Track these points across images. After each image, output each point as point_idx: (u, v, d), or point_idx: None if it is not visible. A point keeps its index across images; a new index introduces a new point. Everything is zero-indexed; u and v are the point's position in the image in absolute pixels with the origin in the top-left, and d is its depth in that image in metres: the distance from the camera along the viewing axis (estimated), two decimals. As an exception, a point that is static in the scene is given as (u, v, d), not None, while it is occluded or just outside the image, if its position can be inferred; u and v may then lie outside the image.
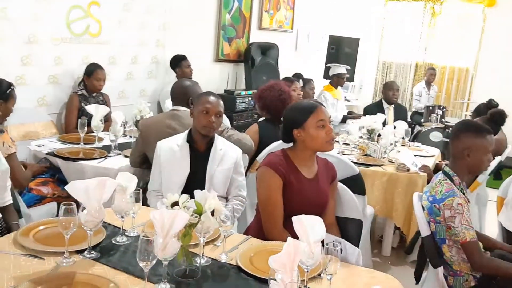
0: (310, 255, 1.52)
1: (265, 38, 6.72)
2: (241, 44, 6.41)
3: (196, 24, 5.59)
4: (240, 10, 6.30)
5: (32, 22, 3.83)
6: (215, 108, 2.49)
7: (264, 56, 6.42)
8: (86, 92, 4.09)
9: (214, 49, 6.03)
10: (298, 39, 7.76)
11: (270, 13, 6.97)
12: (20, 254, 1.71)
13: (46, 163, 3.15)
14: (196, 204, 1.64)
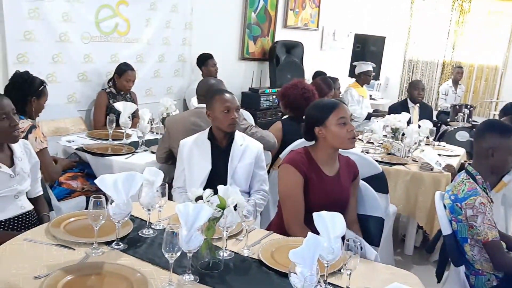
0: (330, 250, 1.55)
1: (290, 36, 6.74)
2: (266, 42, 6.45)
3: (222, 23, 5.65)
4: (266, 9, 6.33)
5: (63, 21, 3.96)
6: (234, 104, 2.55)
7: (289, 55, 6.44)
8: (115, 90, 4.19)
9: (239, 48, 6.08)
10: (323, 38, 7.75)
11: (296, 11, 6.98)
12: (52, 244, 1.78)
13: (75, 158, 3.26)
14: (220, 198, 1.69)
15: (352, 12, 8.06)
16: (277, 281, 1.66)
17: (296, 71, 6.36)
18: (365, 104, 5.98)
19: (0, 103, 2.10)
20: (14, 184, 2.16)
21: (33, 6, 3.70)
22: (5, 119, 2.09)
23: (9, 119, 2.10)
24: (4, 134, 2.11)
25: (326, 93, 4.14)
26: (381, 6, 8.43)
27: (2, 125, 2.08)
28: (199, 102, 3.09)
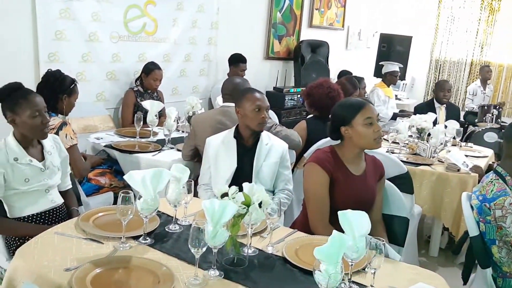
0: (355, 249, 1.55)
1: (315, 36, 6.73)
2: (291, 42, 6.46)
3: (247, 23, 5.68)
4: (291, 8, 6.34)
5: (92, 21, 4.05)
6: (265, 104, 2.57)
7: (314, 54, 6.43)
8: (142, 89, 4.26)
9: (264, 47, 6.10)
10: (348, 37, 7.71)
11: (321, 11, 6.97)
12: (81, 238, 1.84)
13: (104, 155, 3.33)
14: (245, 196, 1.71)
15: (378, 12, 7.99)
16: (301, 279, 1.68)
17: (321, 70, 6.34)
18: (391, 105, 5.93)
19: (34, 100, 2.17)
20: (44, 178, 2.23)
21: (64, 7, 3.80)
22: (38, 116, 2.16)
23: (41, 116, 2.17)
24: (36, 130, 2.17)
25: (351, 92, 4.12)
26: (408, 5, 8.33)
27: (35, 122, 2.15)
28: (224, 101, 3.12)
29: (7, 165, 2.11)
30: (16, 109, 2.13)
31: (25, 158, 2.17)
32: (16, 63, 3.60)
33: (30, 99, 2.16)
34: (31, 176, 2.18)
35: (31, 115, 2.13)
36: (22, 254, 1.70)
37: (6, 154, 2.13)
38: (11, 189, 2.14)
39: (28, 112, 2.13)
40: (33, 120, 2.14)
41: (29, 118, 2.13)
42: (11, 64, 3.56)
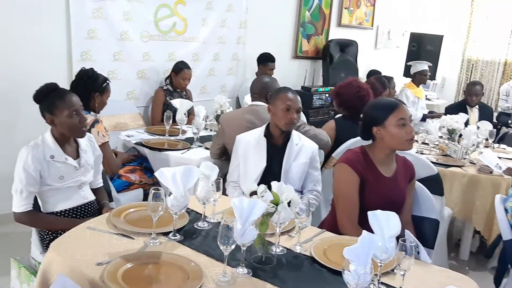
0: (384, 250, 1.54)
1: (344, 35, 6.68)
2: (319, 41, 6.43)
3: (276, 22, 5.68)
4: (320, 7, 6.31)
5: (124, 20, 4.12)
6: (295, 105, 2.55)
7: (342, 53, 6.39)
8: (171, 87, 4.32)
9: (293, 46, 6.10)
10: (377, 36, 7.62)
11: (350, 10, 6.91)
12: (113, 233, 1.87)
13: (134, 152, 3.39)
14: (274, 194, 1.72)
15: (408, 11, 7.87)
16: (330, 279, 1.67)
17: (349, 70, 6.30)
18: (420, 105, 5.83)
19: (71, 100, 2.21)
20: (78, 176, 2.28)
21: (96, 6, 3.88)
22: (76, 116, 2.20)
23: (79, 115, 2.22)
24: (74, 129, 2.22)
25: (381, 92, 4.08)
26: (439, 3, 8.18)
27: (73, 121, 2.20)
28: (253, 100, 3.13)
29: (44, 163, 2.17)
30: (54, 111, 2.18)
31: (61, 156, 2.22)
32: (50, 62, 3.70)
33: (66, 99, 2.20)
34: (66, 174, 2.23)
35: (69, 115, 2.18)
36: (56, 248, 1.74)
37: (43, 151, 2.18)
38: (46, 185, 2.20)
39: (66, 112, 2.18)
40: (71, 119, 2.19)
41: (67, 118, 2.18)
42: (45, 62, 3.66)
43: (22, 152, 2.17)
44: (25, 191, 2.14)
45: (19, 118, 3.61)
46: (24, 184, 2.13)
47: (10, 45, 3.48)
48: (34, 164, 2.13)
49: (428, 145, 3.91)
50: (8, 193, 2.88)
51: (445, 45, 7.59)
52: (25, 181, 2.13)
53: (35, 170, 2.14)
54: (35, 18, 3.56)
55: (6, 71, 3.49)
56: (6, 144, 3.55)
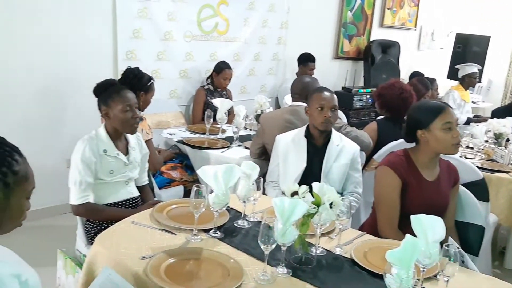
0: (427, 255, 1.51)
1: (386, 35, 6.59)
2: (361, 41, 6.36)
3: (317, 22, 5.66)
4: (362, 8, 6.24)
5: (168, 20, 4.20)
6: (329, 103, 2.53)
7: (384, 54, 6.30)
8: (212, 87, 4.37)
9: (334, 47, 6.05)
10: (421, 37, 7.47)
11: (393, 10, 6.80)
12: (156, 228, 1.91)
13: (175, 150, 3.45)
14: (315, 195, 1.71)
15: (453, 11, 7.66)
16: (370, 282, 1.65)
17: (391, 71, 6.20)
18: (466, 109, 5.67)
19: (126, 96, 2.29)
20: (126, 171, 2.36)
21: (142, 6, 3.97)
22: (129, 111, 2.28)
23: (132, 111, 2.29)
24: (126, 124, 2.29)
25: (423, 93, 4.00)
26: (486, 3, 7.92)
27: (126, 116, 2.27)
28: (293, 100, 3.13)
29: (97, 156, 2.25)
30: (109, 103, 2.27)
31: (113, 151, 2.30)
32: (96, 60, 3.82)
33: (122, 94, 2.28)
34: (116, 169, 2.31)
35: (122, 109, 2.26)
36: (102, 241, 1.79)
37: (97, 145, 2.27)
38: (96, 178, 2.28)
39: (120, 106, 2.26)
40: (124, 114, 2.26)
41: (120, 112, 2.26)
42: (92, 61, 3.78)
43: (78, 145, 2.25)
44: (83, 182, 2.22)
45: (66, 114, 3.74)
46: (83, 175, 2.21)
47: (59, 44, 3.60)
48: (90, 156, 2.22)
49: (472, 149, 3.80)
50: (55, 186, 3.01)
51: (492, 46, 7.35)
52: (83, 172, 2.21)
53: (91, 161, 2.23)
54: (83, 18, 3.67)
55: (54, 69, 3.62)
56: (54, 140, 3.69)
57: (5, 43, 3.35)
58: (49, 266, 2.24)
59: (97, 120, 3.08)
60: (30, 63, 3.49)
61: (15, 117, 3.43)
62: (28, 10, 3.40)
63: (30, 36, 3.44)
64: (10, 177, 1.21)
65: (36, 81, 3.54)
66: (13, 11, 3.33)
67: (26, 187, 1.27)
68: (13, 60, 3.41)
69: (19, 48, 3.42)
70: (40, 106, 3.60)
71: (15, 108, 3.46)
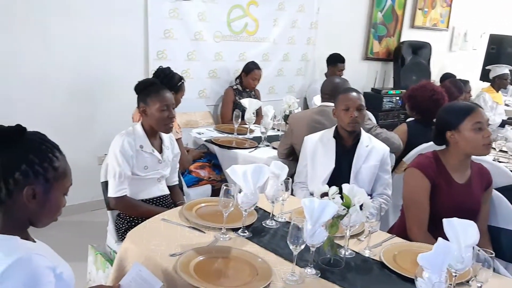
0: (460, 259, 1.48)
1: (417, 36, 6.49)
2: (391, 42, 6.28)
3: (347, 23, 5.62)
4: (393, 8, 6.16)
5: (198, 21, 4.24)
6: (354, 103, 2.50)
7: (415, 55, 6.21)
8: (241, 87, 4.39)
9: (363, 47, 6.00)
10: (453, 38, 7.33)
11: (425, 10, 6.69)
12: (185, 226, 1.93)
13: (204, 149, 3.48)
14: (345, 197, 1.70)
15: (487, 11, 7.49)
16: (400, 285, 1.63)
17: (422, 72, 6.10)
18: (499, 111, 5.54)
19: (165, 95, 2.34)
20: (159, 169, 2.41)
21: (173, 7, 4.02)
22: (166, 110, 2.32)
23: (168, 111, 2.33)
24: (161, 123, 2.34)
25: (456, 96, 3.91)
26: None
27: (162, 115, 2.32)
28: (323, 101, 3.11)
29: (134, 150, 2.30)
30: (148, 101, 2.32)
31: (149, 148, 2.35)
32: (128, 60, 3.88)
33: (161, 93, 2.33)
34: (150, 165, 2.36)
35: (159, 108, 2.30)
36: (132, 238, 1.82)
37: (134, 140, 2.32)
38: (132, 173, 2.32)
39: (158, 105, 2.30)
40: (161, 113, 2.31)
41: (157, 111, 2.30)
42: (123, 61, 3.84)
43: (117, 139, 2.31)
44: (122, 174, 2.27)
45: (97, 113, 3.82)
46: (122, 168, 2.26)
47: (92, 45, 3.68)
48: (128, 149, 2.27)
49: (506, 153, 3.71)
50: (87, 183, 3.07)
51: (527, 47, 7.15)
52: (122, 165, 2.26)
53: (129, 155, 2.28)
54: (116, 18, 3.74)
55: (86, 69, 3.69)
56: (86, 138, 3.77)
57: (40, 44, 3.44)
58: (80, 261, 2.28)
59: (127, 118, 3.15)
60: (64, 63, 3.57)
61: (50, 115, 3.51)
62: (62, 10, 3.48)
63: (64, 36, 3.53)
64: (50, 172, 1.25)
65: (69, 81, 3.63)
66: (47, 11, 3.42)
67: (64, 183, 1.30)
68: (48, 60, 3.49)
69: (54, 48, 3.51)
70: (73, 105, 3.68)
71: (50, 107, 3.55)
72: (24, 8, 3.30)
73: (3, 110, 3.27)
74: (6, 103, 3.32)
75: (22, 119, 1.32)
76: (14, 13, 3.28)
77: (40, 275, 1.15)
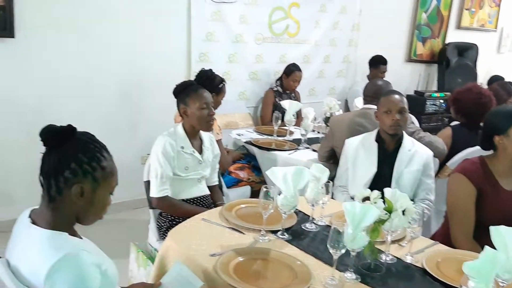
0: (508, 269, 1.43)
1: (463, 37, 6.31)
2: (436, 44, 6.13)
3: (390, 24, 5.53)
4: (438, 9, 6.01)
5: (239, 23, 4.27)
6: (396, 106, 2.45)
7: (460, 57, 6.04)
8: (281, 89, 4.39)
9: (407, 49, 5.89)
10: (501, 39, 7.08)
11: (472, 11, 6.50)
12: (225, 226, 1.95)
13: (243, 151, 3.50)
14: (387, 201, 1.67)
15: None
16: (443, 293, 1.59)
17: (468, 75, 5.93)
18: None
19: (203, 94, 2.39)
20: (200, 169, 2.44)
21: (215, 9, 4.06)
22: (205, 109, 2.37)
23: (208, 109, 2.38)
24: (202, 121, 2.38)
25: (505, 99, 3.77)
26: None
27: (202, 114, 2.36)
28: (365, 103, 3.07)
29: (175, 151, 2.35)
30: (187, 102, 2.37)
31: (189, 148, 2.40)
32: (170, 63, 3.95)
33: (200, 93, 2.39)
34: (191, 166, 2.40)
35: (199, 107, 2.35)
36: (174, 236, 1.85)
37: (176, 141, 2.37)
38: (173, 174, 2.36)
39: (198, 104, 2.35)
40: (201, 111, 2.36)
41: (198, 109, 2.35)
42: (166, 63, 3.92)
43: (159, 140, 2.36)
44: (164, 175, 2.31)
45: (141, 114, 3.90)
46: (164, 169, 2.31)
47: (136, 48, 3.76)
48: (170, 150, 2.32)
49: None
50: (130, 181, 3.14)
51: None
52: (164, 166, 2.31)
53: (170, 156, 2.33)
54: (159, 22, 3.82)
55: (131, 72, 3.79)
56: (130, 138, 3.86)
57: (87, 49, 3.54)
58: (122, 258, 2.33)
59: (169, 119, 3.21)
60: (109, 66, 3.67)
61: (96, 117, 3.61)
62: (108, 15, 3.58)
63: (110, 41, 3.62)
64: (98, 171, 1.29)
65: (114, 84, 3.72)
66: (94, 16, 3.52)
67: (111, 183, 1.34)
68: (95, 64, 3.59)
69: (100, 52, 3.60)
70: (118, 106, 3.78)
71: (96, 107, 3.65)
72: (71, 14, 3.41)
73: (53, 112, 3.39)
74: (55, 105, 3.45)
75: (70, 121, 1.36)
76: (62, 19, 3.39)
77: (86, 271, 1.19)
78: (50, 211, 1.29)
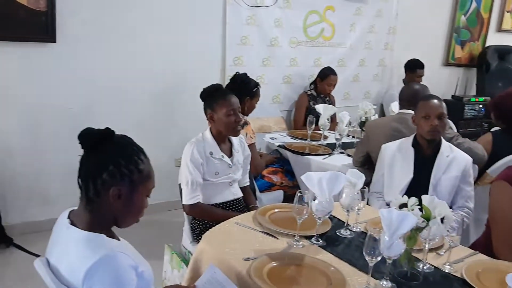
0: (554, 282, 1.37)
1: (504, 41, 6.12)
2: (475, 47, 5.97)
3: (427, 27, 5.42)
4: (478, 11, 5.85)
5: (274, 27, 4.27)
6: (435, 111, 2.40)
7: (501, 61, 5.86)
8: (315, 92, 4.36)
9: (444, 53, 5.76)
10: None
11: (513, 13, 6.30)
12: (258, 230, 1.95)
13: (276, 154, 3.49)
14: (425, 209, 1.63)
15: None
16: (483, 305, 1.54)
17: (509, 79, 5.75)
18: None
19: (231, 100, 2.38)
20: (230, 173, 2.44)
21: (250, 13, 4.08)
22: (232, 115, 2.36)
23: (235, 115, 2.37)
24: (229, 127, 2.38)
25: None
26: None
27: (229, 120, 2.36)
28: (401, 108, 3.01)
29: (204, 157, 2.36)
30: (214, 107, 2.37)
31: (218, 154, 2.40)
32: (205, 66, 3.99)
33: (227, 99, 2.37)
34: (221, 170, 2.40)
35: (226, 113, 2.34)
36: (208, 239, 1.86)
37: (204, 147, 2.37)
38: (203, 179, 2.37)
39: (224, 110, 2.34)
40: (228, 118, 2.35)
41: (224, 115, 2.35)
42: (201, 67, 3.95)
43: (187, 147, 2.37)
44: (194, 182, 2.33)
45: (175, 116, 3.95)
46: (194, 176, 2.32)
47: (172, 52, 3.81)
48: (198, 157, 2.33)
49: None
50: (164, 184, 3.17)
51: None
52: (194, 173, 2.32)
53: (199, 163, 2.33)
54: (195, 26, 3.85)
55: (166, 74, 3.83)
56: (164, 140, 3.90)
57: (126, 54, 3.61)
58: (156, 259, 2.35)
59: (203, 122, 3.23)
60: (147, 70, 3.72)
61: (132, 119, 3.67)
62: (144, 17, 3.64)
63: (145, 44, 3.68)
64: (135, 174, 1.31)
65: (149, 85, 3.78)
66: (133, 21, 3.59)
67: (148, 186, 1.36)
68: (133, 68, 3.66)
69: (139, 57, 3.67)
70: (153, 109, 3.83)
71: (132, 111, 3.72)
72: (112, 20, 3.49)
73: (92, 114, 3.48)
74: (94, 108, 3.53)
75: (109, 124, 1.38)
76: (103, 24, 3.47)
77: (123, 273, 1.21)
78: (88, 213, 1.32)
